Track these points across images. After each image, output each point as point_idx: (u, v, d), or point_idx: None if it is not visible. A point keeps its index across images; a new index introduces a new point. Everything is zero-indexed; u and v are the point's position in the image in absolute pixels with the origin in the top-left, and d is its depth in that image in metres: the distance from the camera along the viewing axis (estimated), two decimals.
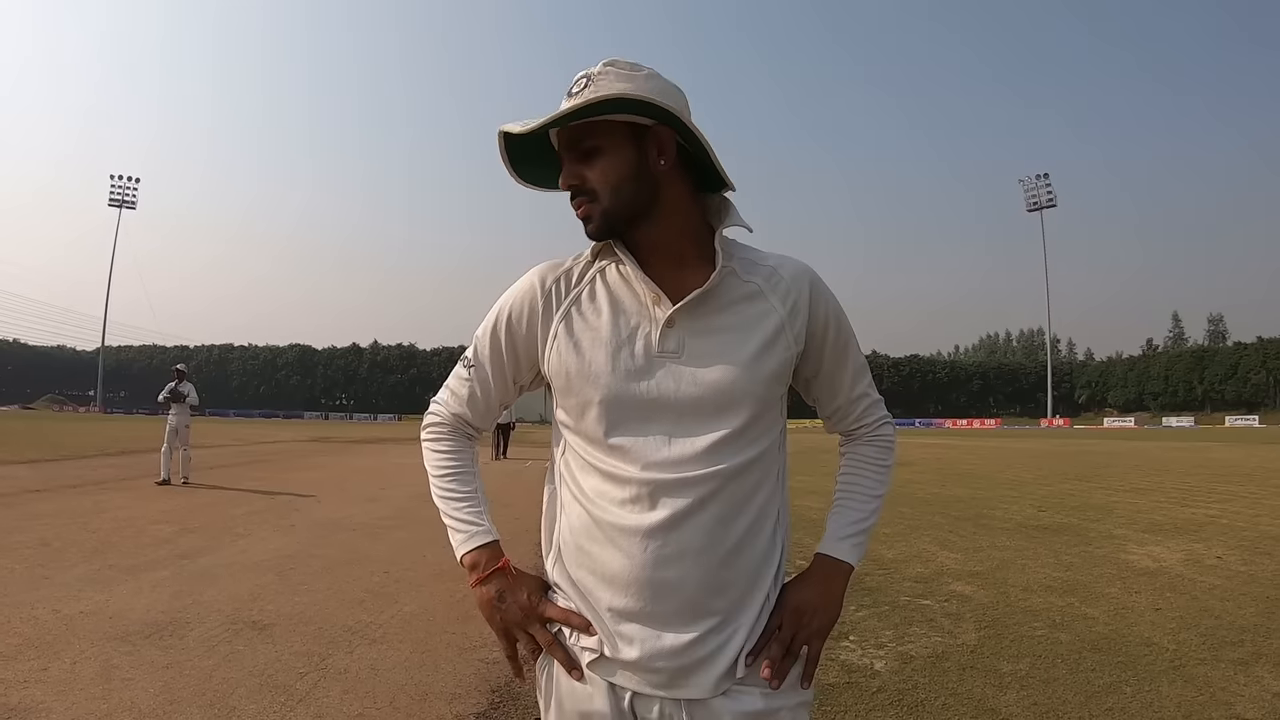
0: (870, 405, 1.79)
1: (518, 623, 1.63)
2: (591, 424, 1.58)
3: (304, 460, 24.90)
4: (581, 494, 1.60)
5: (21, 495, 12.90)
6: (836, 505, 1.76)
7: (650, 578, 1.50)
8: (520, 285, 1.70)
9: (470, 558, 1.68)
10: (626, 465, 1.53)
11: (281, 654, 5.12)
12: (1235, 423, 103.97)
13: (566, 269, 1.69)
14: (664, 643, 1.50)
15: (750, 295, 1.60)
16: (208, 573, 7.43)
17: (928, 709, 4.37)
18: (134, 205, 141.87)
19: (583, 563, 1.58)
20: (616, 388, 1.55)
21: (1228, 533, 10.29)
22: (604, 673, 1.54)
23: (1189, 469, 21.72)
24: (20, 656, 4.88)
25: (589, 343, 1.59)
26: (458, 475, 1.77)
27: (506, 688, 4.66)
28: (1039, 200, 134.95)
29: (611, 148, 1.55)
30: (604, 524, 1.55)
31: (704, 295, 1.55)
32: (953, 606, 6.52)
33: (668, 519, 1.50)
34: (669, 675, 1.50)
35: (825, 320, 1.66)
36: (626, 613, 1.52)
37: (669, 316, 1.55)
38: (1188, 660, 5.15)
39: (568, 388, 1.61)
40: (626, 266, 1.60)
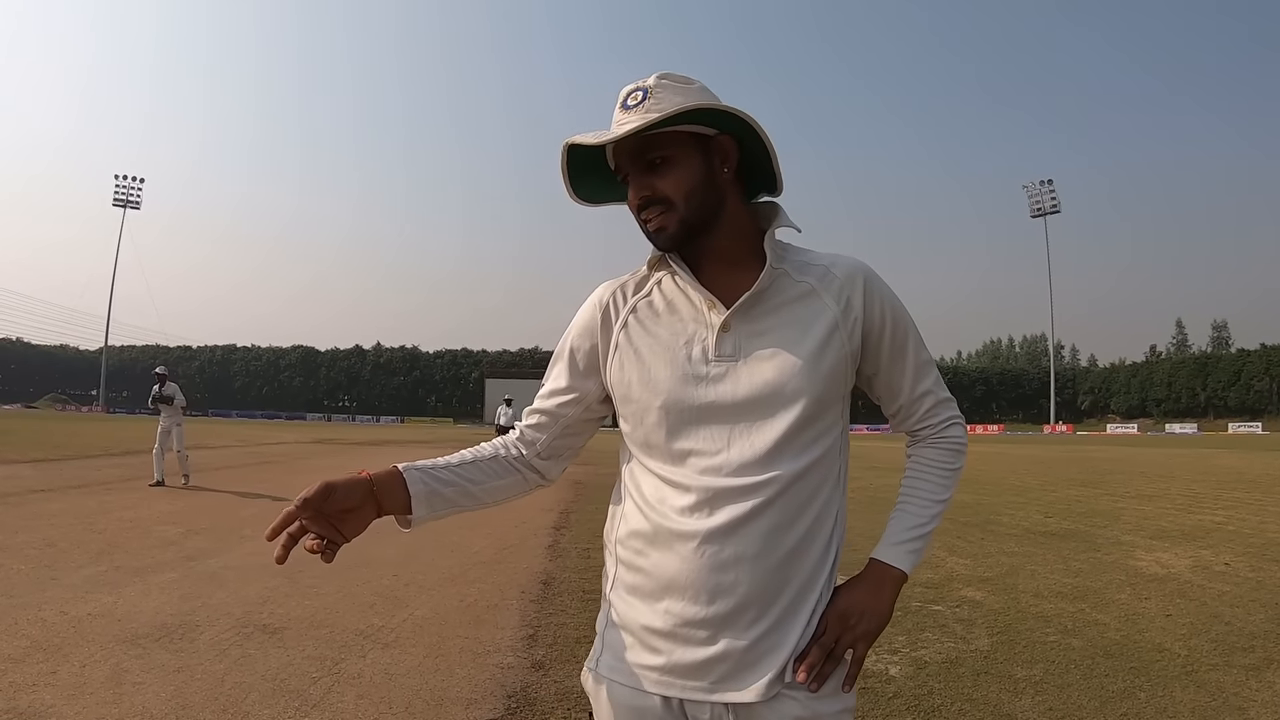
0: (936, 405, 1.76)
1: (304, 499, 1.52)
2: (652, 430, 1.61)
3: (308, 462, 24.80)
4: (643, 500, 1.62)
5: (26, 495, 12.84)
6: (898, 509, 1.74)
7: (706, 582, 1.50)
8: (583, 309, 1.76)
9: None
10: (686, 471, 1.55)
11: (294, 658, 5.06)
12: (1238, 430, 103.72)
13: (624, 283, 1.74)
14: (718, 647, 1.50)
15: (803, 295, 1.61)
16: (216, 575, 7.38)
17: (944, 714, 4.39)
18: (138, 205, 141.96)
19: (640, 567, 1.60)
20: (676, 394, 1.57)
21: (1235, 539, 10.33)
22: (655, 679, 1.55)
23: (1194, 476, 21.75)
24: (29, 659, 4.82)
25: (648, 350, 1.63)
26: (459, 455, 1.79)
27: (523, 693, 4.62)
28: (1043, 206, 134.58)
29: (682, 158, 1.58)
30: (662, 529, 1.56)
31: (756, 297, 1.58)
32: (964, 612, 6.54)
33: (725, 524, 1.50)
34: (720, 679, 1.50)
35: (881, 317, 1.64)
36: (682, 617, 1.52)
37: (724, 321, 1.57)
38: (1200, 666, 5.20)
39: (628, 396, 1.64)
40: (681, 276, 1.62)
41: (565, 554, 9.10)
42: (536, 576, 7.84)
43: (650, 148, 1.57)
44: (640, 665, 1.57)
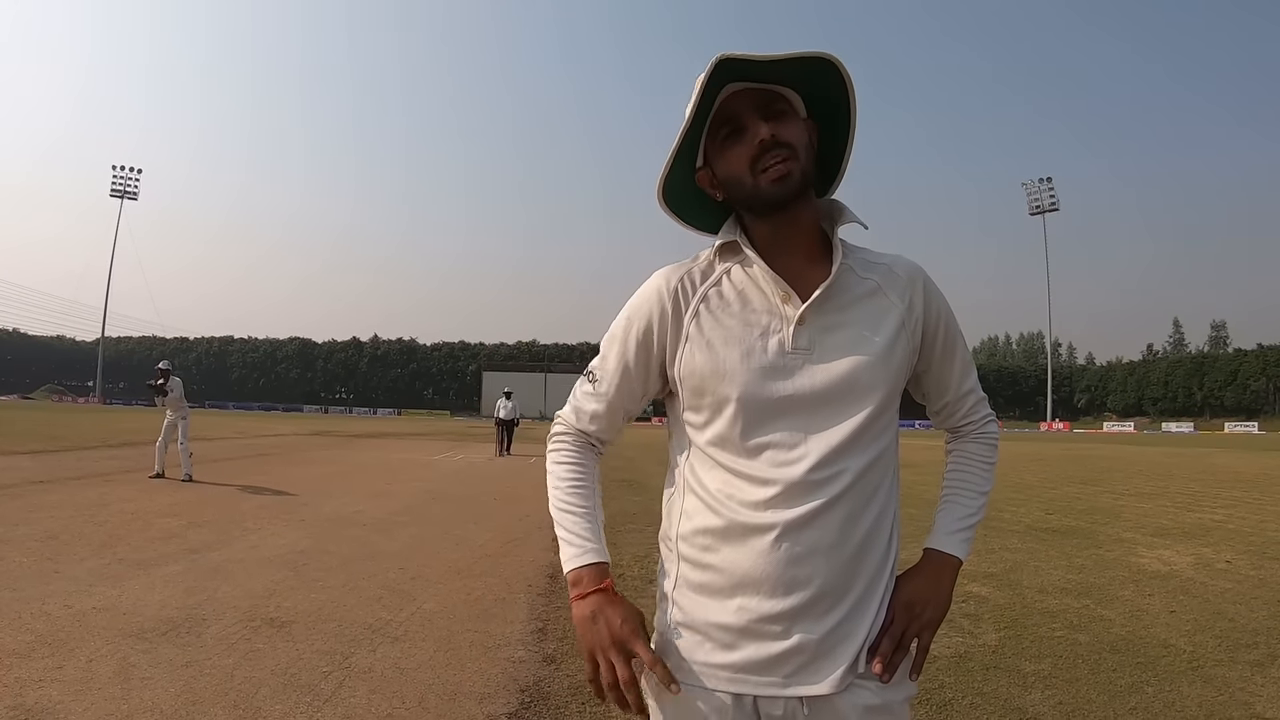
0: (977, 402, 1.81)
1: (603, 646, 1.56)
2: (726, 424, 1.58)
3: (307, 454, 24.81)
4: (709, 495, 1.60)
5: (25, 486, 12.78)
6: (945, 501, 1.79)
7: (783, 576, 1.51)
8: (646, 293, 1.71)
9: (574, 574, 1.64)
10: (761, 464, 1.54)
11: (303, 652, 5.00)
12: (1235, 429, 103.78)
13: (689, 270, 1.69)
14: (792, 641, 1.51)
15: (870, 292, 1.62)
16: (220, 568, 7.31)
17: (956, 708, 4.41)
18: (135, 196, 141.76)
19: (709, 564, 1.58)
20: (753, 387, 1.55)
21: (1235, 537, 10.36)
22: (727, 677, 1.54)
23: (1192, 474, 21.81)
24: (34, 654, 4.75)
25: (721, 342, 1.60)
26: (578, 489, 1.74)
27: (536, 687, 4.58)
28: (1041, 204, 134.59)
29: (796, 118, 1.59)
30: (734, 524, 1.55)
31: (829, 292, 1.57)
32: (970, 607, 6.56)
33: (800, 517, 1.51)
34: (794, 672, 1.51)
35: (937, 318, 1.68)
36: (757, 612, 1.52)
37: (800, 314, 1.56)
38: (1205, 661, 5.22)
39: (701, 388, 1.61)
40: (754, 266, 1.60)
41: None
42: (542, 570, 7.80)
43: (773, 99, 1.57)
44: (709, 664, 1.56)
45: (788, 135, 1.54)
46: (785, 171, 1.53)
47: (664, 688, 1.55)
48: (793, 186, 1.54)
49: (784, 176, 1.53)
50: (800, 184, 1.55)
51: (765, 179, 1.54)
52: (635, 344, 1.70)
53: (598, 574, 1.63)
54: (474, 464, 23.11)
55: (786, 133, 1.54)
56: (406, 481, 16.72)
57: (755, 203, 1.59)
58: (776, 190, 1.54)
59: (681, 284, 1.66)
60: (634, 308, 1.72)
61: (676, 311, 1.65)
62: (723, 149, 1.60)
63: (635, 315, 1.71)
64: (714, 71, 1.50)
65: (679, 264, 1.72)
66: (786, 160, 1.53)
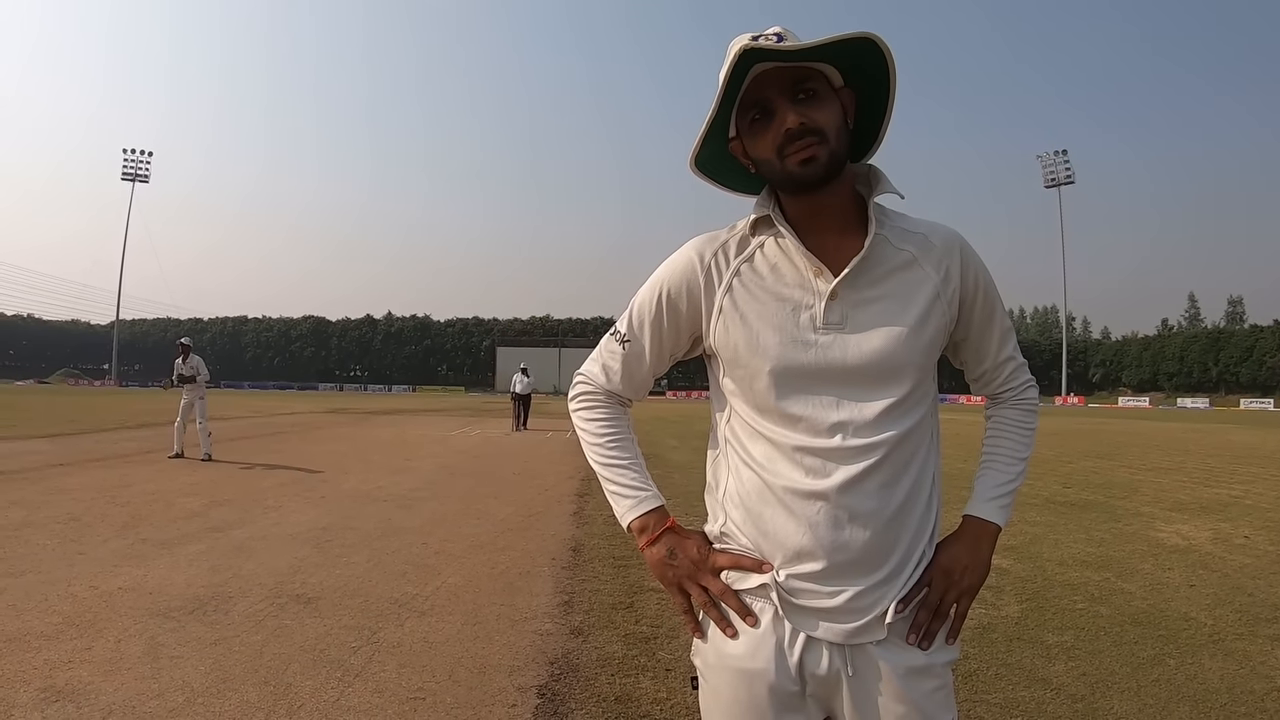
0: (1016, 369, 1.80)
1: (690, 575, 1.64)
2: (761, 394, 1.60)
3: (324, 432, 24.87)
4: (752, 460, 1.62)
5: (45, 470, 12.82)
6: (984, 468, 1.79)
7: (822, 540, 1.52)
8: (678, 260, 1.72)
9: (639, 522, 1.69)
10: (798, 434, 1.56)
11: (331, 628, 5.01)
12: (1250, 405, 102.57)
13: (723, 242, 1.69)
14: (835, 601, 1.53)
15: (906, 263, 1.61)
16: (243, 546, 7.33)
17: (981, 678, 4.42)
18: (147, 179, 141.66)
19: (755, 525, 1.60)
20: (786, 360, 1.57)
21: (1253, 513, 10.32)
22: (776, 625, 1.57)
23: (1209, 450, 21.67)
24: (62, 636, 4.75)
25: (755, 316, 1.61)
26: (618, 442, 1.78)
27: (565, 659, 4.58)
28: (1057, 177, 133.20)
29: (827, 96, 1.56)
30: (776, 489, 1.57)
31: (862, 265, 1.57)
32: (992, 579, 6.47)
33: (839, 485, 1.52)
34: (837, 624, 1.53)
35: (975, 285, 1.67)
36: (798, 574, 1.55)
37: (832, 289, 1.56)
38: (1226, 635, 5.23)
39: (736, 360, 1.63)
40: (787, 240, 1.61)
41: (591, 520, 9.06)
42: (565, 543, 7.81)
43: (804, 79, 1.54)
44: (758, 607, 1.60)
45: (817, 120, 1.52)
46: (812, 155, 1.52)
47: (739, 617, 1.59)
48: (819, 169, 1.53)
49: (811, 159, 1.52)
50: (828, 166, 1.53)
51: (792, 161, 1.53)
52: (666, 309, 1.72)
53: (659, 517, 1.69)
54: (491, 439, 23.13)
55: (816, 117, 1.52)
56: (424, 457, 16.76)
57: (786, 184, 1.60)
58: (803, 172, 1.54)
59: (716, 257, 1.68)
60: (667, 274, 1.72)
61: (709, 284, 1.67)
62: (752, 130, 1.59)
63: (667, 281, 1.72)
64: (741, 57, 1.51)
65: (713, 234, 1.73)
66: (813, 145, 1.52)
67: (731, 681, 1.58)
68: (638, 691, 4.12)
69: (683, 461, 15.38)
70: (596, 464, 1.77)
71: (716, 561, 1.62)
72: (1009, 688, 4.27)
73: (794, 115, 1.51)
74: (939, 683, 1.57)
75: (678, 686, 4.17)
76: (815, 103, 1.53)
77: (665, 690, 4.14)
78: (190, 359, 15.47)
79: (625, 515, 1.70)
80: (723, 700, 1.60)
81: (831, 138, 1.52)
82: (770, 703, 1.54)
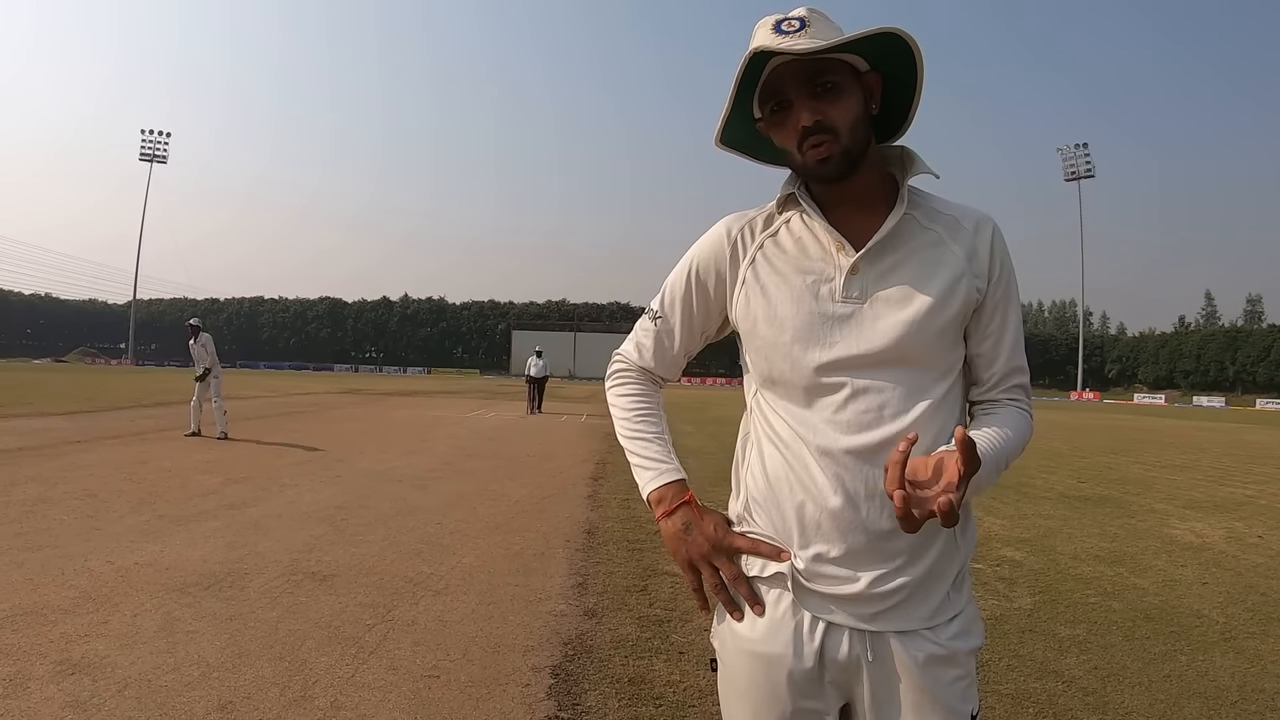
0: (1021, 386, 1.69)
1: (703, 554, 1.62)
2: (781, 369, 1.60)
3: (339, 412, 24.95)
4: (776, 437, 1.62)
5: (62, 446, 12.88)
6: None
7: (840, 520, 1.51)
8: (708, 237, 1.75)
9: (657, 493, 1.68)
10: (817, 408, 1.55)
11: (346, 605, 5.03)
12: (1267, 405, 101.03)
13: (751, 219, 1.71)
14: (857, 584, 1.50)
15: (932, 243, 1.59)
16: (259, 523, 7.36)
17: (993, 669, 4.42)
18: (165, 160, 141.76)
19: (774, 502, 1.59)
20: (804, 333, 1.56)
21: (1267, 513, 10.30)
22: (795, 609, 1.55)
23: (1224, 449, 21.57)
24: (79, 610, 4.78)
25: (775, 289, 1.62)
26: (645, 416, 1.79)
27: (579, 640, 4.60)
28: (1077, 170, 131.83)
29: (847, 87, 1.55)
30: (794, 464, 1.56)
31: (886, 242, 1.56)
32: (1005, 571, 6.60)
33: (855, 461, 1.51)
34: (857, 610, 1.51)
35: (1000, 267, 1.62)
36: (819, 553, 1.53)
37: (853, 264, 1.56)
38: (1238, 633, 5.24)
39: (754, 332, 1.64)
40: (811, 216, 1.61)
41: (605, 504, 9.09)
42: (580, 525, 7.82)
43: (822, 72, 1.53)
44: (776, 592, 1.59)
45: (833, 116, 1.52)
46: (825, 155, 1.52)
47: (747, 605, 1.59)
48: (832, 168, 1.54)
49: (825, 159, 1.53)
50: (840, 164, 1.54)
51: (809, 159, 1.55)
52: (695, 285, 1.74)
53: (679, 490, 1.67)
54: (506, 421, 23.18)
55: (832, 113, 1.52)
56: (440, 439, 16.79)
57: (805, 176, 1.62)
58: (820, 169, 1.55)
59: (743, 232, 1.69)
60: (697, 250, 1.76)
61: (735, 257, 1.68)
62: (771, 120, 1.60)
63: (697, 257, 1.74)
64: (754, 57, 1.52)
65: (744, 212, 1.74)
66: (827, 144, 1.52)
67: (749, 665, 1.57)
68: (651, 674, 4.13)
69: (696, 447, 15.41)
70: (623, 438, 1.79)
71: (734, 543, 1.61)
72: (1021, 679, 4.27)
73: (808, 113, 1.51)
74: (960, 672, 1.54)
75: (691, 669, 4.17)
76: (833, 96, 1.53)
77: (679, 673, 4.14)
78: (200, 337, 15.54)
79: (645, 486, 1.70)
80: (740, 684, 1.60)
81: (845, 135, 1.52)
82: (789, 688, 1.53)
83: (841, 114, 1.52)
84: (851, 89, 1.55)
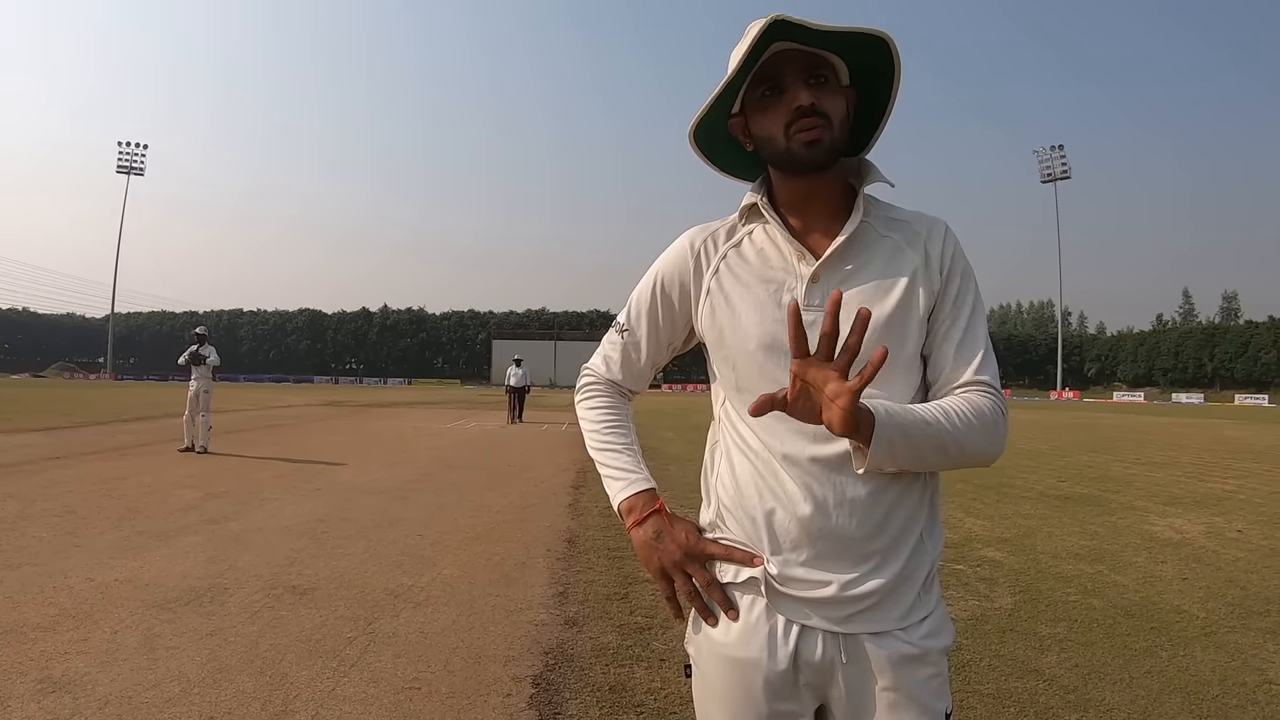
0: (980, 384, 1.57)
1: (675, 562, 1.63)
2: (744, 375, 1.63)
3: (320, 424, 24.88)
4: (744, 445, 1.63)
5: (42, 462, 12.79)
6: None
7: (809, 526, 1.52)
8: (672, 250, 1.78)
9: (627, 503, 1.70)
10: (782, 419, 1.49)
11: (326, 618, 5.03)
12: (1245, 401, 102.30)
13: (714, 230, 1.75)
14: (829, 588, 1.51)
15: (890, 249, 1.61)
16: (240, 537, 7.34)
17: (975, 669, 4.47)
18: (142, 172, 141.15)
19: (745, 510, 1.60)
20: (765, 341, 1.59)
21: (1246, 508, 10.43)
22: (769, 614, 1.56)
23: (1203, 445, 21.84)
24: (58, 627, 4.77)
25: (739, 298, 1.64)
26: (613, 428, 1.82)
27: (560, 649, 4.61)
28: (1053, 172, 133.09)
29: (836, 87, 1.59)
30: (763, 472, 1.58)
31: (845, 249, 1.59)
32: (985, 571, 6.66)
33: (822, 469, 1.52)
34: (830, 613, 1.52)
35: (953, 266, 1.62)
36: (790, 559, 1.54)
37: (814, 272, 1.58)
38: (1218, 628, 5.31)
39: (720, 341, 1.67)
40: (772, 226, 1.64)
41: (586, 512, 9.11)
42: (561, 535, 7.84)
43: (819, 65, 1.57)
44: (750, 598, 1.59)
45: (826, 105, 1.55)
46: (818, 137, 1.54)
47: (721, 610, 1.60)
48: (822, 152, 1.55)
49: (816, 141, 1.54)
50: (830, 151, 1.56)
51: (797, 141, 1.55)
52: (660, 298, 1.77)
53: (649, 498, 1.69)
54: (487, 431, 23.17)
55: (825, 103, 1.55)
56: (420, 450, 16.78)
57: (787, 163, 1.60)
58: (807, 153, 1.55)
59: (706, 244, 1.73)
60: (661, 264, 1.79)
61: (699, 268, 1.72)
62: (760, 106, 1.61)
63: (662, 271, 1.78)
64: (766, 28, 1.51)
65: (707, 224, 1.78)
66: (820, 128, 1.54)
67: (724, 670, 1.58)
68: (632, 681, 4.15)
69: (678, 454, 15.39)
70: (592, 449, 1.81)
71: (706, 549, 1.62)
72: (1002, 678, 4.31)
73: (807, 93, 1.54)
74: (934, 671, 1.55)
75: (672, 676, 4.19)
76: (826, 90, 1.56)
77: (659, 680, 4.16)
78: (205, 347, 15.65)
79: (615, 496, 1.72)
80: (715, 689, 1.61)
81: (835, 127, 1.55)
82: (764, 691, 1.54)
83: (833, 105, 1.56)
84: (838, 91, 1.59)
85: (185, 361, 15.64)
